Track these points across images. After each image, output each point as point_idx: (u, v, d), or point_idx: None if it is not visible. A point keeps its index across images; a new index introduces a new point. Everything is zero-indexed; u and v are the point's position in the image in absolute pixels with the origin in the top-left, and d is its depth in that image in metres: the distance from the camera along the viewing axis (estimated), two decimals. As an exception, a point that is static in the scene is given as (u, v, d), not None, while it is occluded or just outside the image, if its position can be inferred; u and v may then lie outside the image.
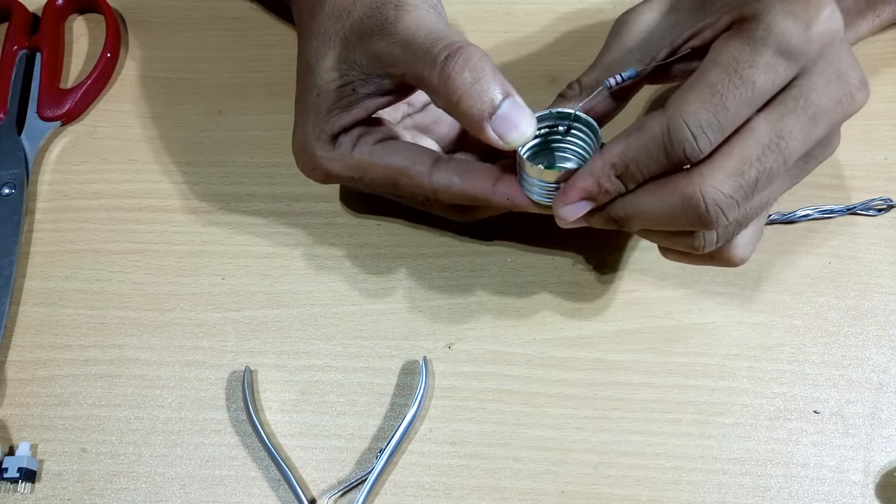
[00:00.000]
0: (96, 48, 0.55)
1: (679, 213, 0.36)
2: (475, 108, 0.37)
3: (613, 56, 0.41)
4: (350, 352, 0.46)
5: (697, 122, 0.34)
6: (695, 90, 0.35)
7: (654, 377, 0.45)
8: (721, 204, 0.35)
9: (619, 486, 0.43)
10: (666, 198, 0.36)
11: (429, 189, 0.42)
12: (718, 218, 0.35)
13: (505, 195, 0.41)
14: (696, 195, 0.35)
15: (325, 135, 0.42)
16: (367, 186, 0.44)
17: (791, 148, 0.35)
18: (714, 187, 0.35)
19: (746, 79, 0.34)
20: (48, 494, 0.43)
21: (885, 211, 0.49)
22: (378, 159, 0.42)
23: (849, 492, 0.43)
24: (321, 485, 0.44)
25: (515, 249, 0.48)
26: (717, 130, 0.35)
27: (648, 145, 0.35)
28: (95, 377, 0.46)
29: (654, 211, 0.37)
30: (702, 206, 0.35)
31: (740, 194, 0.35)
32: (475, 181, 0.41)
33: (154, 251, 0.49)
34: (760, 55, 0.34)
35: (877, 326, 0.46)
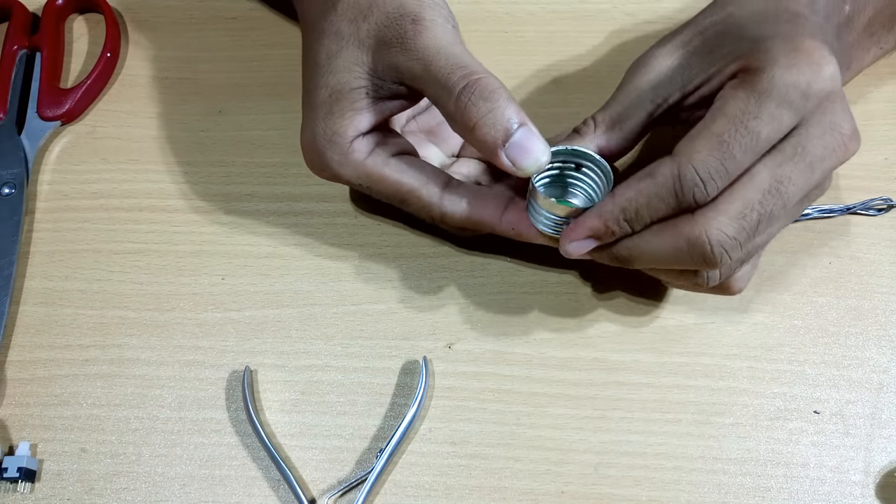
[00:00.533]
0: (96, 48, 0.55)
1: (684, 255, 0.38)
2: (490, 135, 0.39)
3: (628, 97, 0.42)
4: (350, 352, 0.46)
5: (706, 169, 0.36)
6: (703, 138, 0.37)
7: (654, 377, 0.45)
8: (725, 245, 0.37)
9: (619, 486, 0.43)
10: (671, 240, 0.38)
11: (437, 213, 0.43)
12: (723, 258, 0.37)
13: (511, 225, 0.43)
14: (701, 237, 0.37)
15: (338, 137, 0.42)
16: (375, 195, 0.44)
17: (790, 193, 0.37)
18: (719, 230, 0.37)
19: (751, 129, 0.36)
20: (48, 494, 0.43)
21: (885, 211, 0.49)
22: (390, 174, 0.43)
23: (849, 492, 0.43)
24: (321, 485, 0.44)
25: (516, 250, 0.48)
26: (724, 176, 0.37)
27: (659, 191, 0.37)
28: (95, 377, 0.46)
29: (659, 252, 0.39)
30: (707, 247, 0.37)
31: (743, 236, 0.37)
32: (484, 209, 0.43)
33: (154, 251, 0.49)
34: (765, 107, 0.36)
35: (877, 326, 0.46)
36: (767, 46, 0.37)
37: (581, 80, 0.53)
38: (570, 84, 0.53)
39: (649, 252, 0.39)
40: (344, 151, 0.42)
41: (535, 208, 0.41)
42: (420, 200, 0.43)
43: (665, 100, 0.41)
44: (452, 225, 0.44)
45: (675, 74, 0.41)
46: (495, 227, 0.43)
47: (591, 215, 0.39)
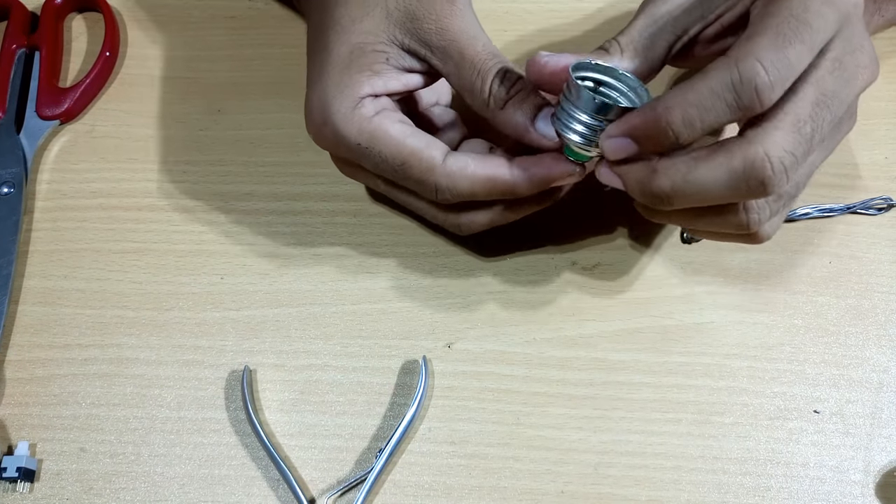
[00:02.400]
0: (95, 47, 0.54)
1: (740, 179, 0.36)
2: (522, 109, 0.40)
3: (647, 27, 0.40)
4: (349, 351, 0.46)
5: (768, 58, 0.34)
6: (757, 35, 0.35)
7: (654, 377, 0.45)
8: (786, 162, 0.35)
9: (619, 486, 0.43)
10: (725, 163, 0.36)
11: (440, 175, 0.41)
12: (782, 178, 0.35)
13: (523, 167, 0.40)
14: (760, 155, 0.35)
15: (350, 90, 0.41)
16: (370, 161, 0.42)
17: (835, 108, 0.36)
18: (777, 144, 0.35)
19: (804, 21, 0.35)
20: (47, 494, 0.43)
21: (885, 210, 0.49)
22: (395, 134, 0.41)
23: (849, 491, 0.43)
24: (320, 484, 0.44)
25: (516, 249, 0.48)
26: (786, 67, 0.34)
27: (715, 87, 0.35)
28: (94, 376, 0.46)
29: (709, 180, 0.36)
30: (768, 165, 0.35)
31: (801, 150, 0.35)
32: (489, 165, 0.41)
33: (153, 250, 0.49)
34: (811, 2, 0.35)
35: (877, 326, 0.46)
36: None
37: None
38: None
39: (698, 182, 0.36)
40: (352, 105, 0.41)
41: (569, 114, 0.38)
42: (421, 163, 0.41)
43: (685, 31, 0.40)
44: (456, 193, 0.41)
45: (695, 5, 0.40)
46: (506, 179, 0.41)
47: (637, 112, 0.37)
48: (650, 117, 0.36)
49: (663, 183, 0.37)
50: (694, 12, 0.40)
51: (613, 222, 0.49)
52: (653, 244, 0.48)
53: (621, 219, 0.49)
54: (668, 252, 0.48)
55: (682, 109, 0.35)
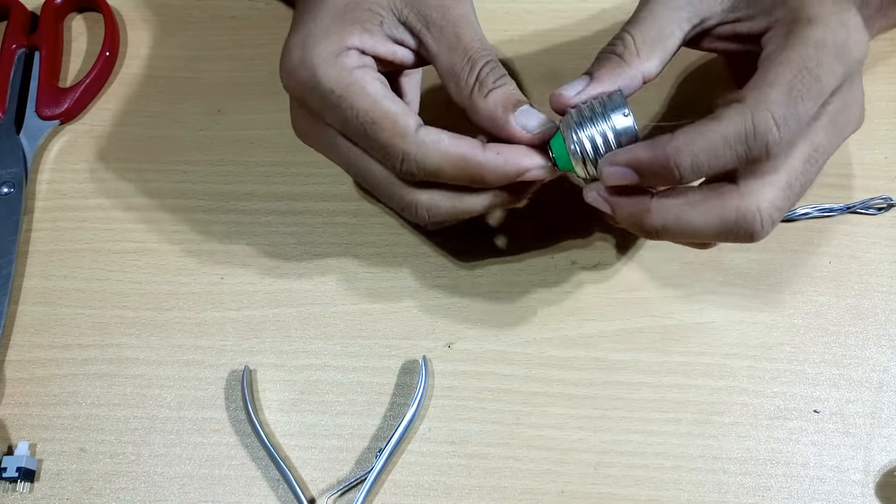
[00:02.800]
0: (95, 47, 0.54)
1: (730, 228, 0.37)
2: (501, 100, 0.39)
3: (662, 14, 0.40)
4: (349, 351, 0.46)
5: (781, 114, 0.35)
6: (773, 86, 0.36)
7: (654, 377, 0.45)
8: (774, 217, 0.37)
9: (618, 486, 0.43)
10: (718, 212, 0.37)
11: (411, 143, 0.39)
12: (768, 230, 0.37)
13: (497, 151, 0.39)
14: (751, 210, 0.37)
15: (337, 38, 0.40)
16: (339, 114, 0.39)
17: (823, 159, 0.38)
18: (770, 201, 0.37)
19: (817, 76, 0.36)
20: (47, 494, 0.43)
21: (885, 210, 0.49)
22: (372, 91, 0.39)
23: (849, 491, 0.43)
24: (320, 484, 0.44)
25: (516, 249, 0.48)
26: (796, 124, 0.36)
27: (728, 137, 0.35)
28: (94, 376, 0.46)
29: (701, 224, 0.37)
30: (758, 219, 0.37)
31: (788, 205, 0.37)
32: (465, 142, 0.39)
33: (153, 250, 0.49)
34: (825, 56, 0.36)
35: (877, 325, 0.46)
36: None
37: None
38: (570, 83, 0.53)
39: (689, 224, 0.37)
40: (336, 52, 0.39)
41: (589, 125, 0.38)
42: (395, 126, 0.39)
43: (702, 21, 0.40)
44: (422, 166, 0.39)
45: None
46: (477, 161, 0.39)
47: (646, 147, 0.37)
48: (660, 156, 0.36)
49: (655, 221, 0.38)
50: (713, 3, 0.40)
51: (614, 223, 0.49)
52: (653, 244, 0.48)
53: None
54: (668, 252, 0.48)
55: (693, 154, 0.36)
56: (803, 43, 0.36)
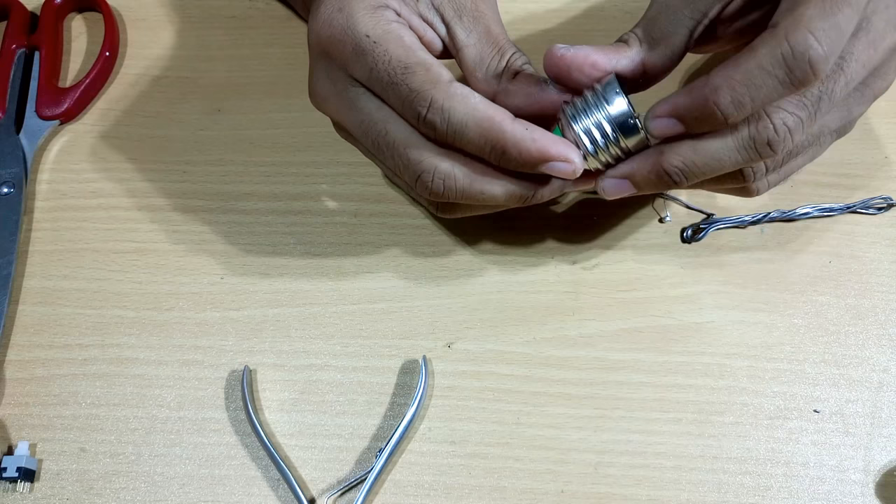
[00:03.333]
0: (95, 47, 0.54)
1: (747, 143, 0.36)
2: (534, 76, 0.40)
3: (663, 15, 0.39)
4: (349, 351, 0.46)
5: (820, 27, 0.33)
6: (804, 2, 0.33)
7: (653, 376, 0.45)
8: (788, 123, 0.35)
9: (618, 486, 0.43)
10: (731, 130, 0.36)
11: (441, 91, 0.38)
12: (786, 139, 0.35)
13: (526, 126, 0.38)
14: (762, 117, 0.35)
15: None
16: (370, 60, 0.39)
17: (852, 70, 0.35)
18: (779, 107, 0.35)
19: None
20: (47, 494, 0.43)
21: (885, 209, 0.49)
22: (409, 42, 0.39)
23: (849, 491, 0.43)
24: (320, 484, 0.44)
25: (516, 249, 0.48)
26: (838, 35, 0.33)
27: (765, 63, 0.33)
28: (94, 376, 0.46)
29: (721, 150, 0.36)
30: (770, 127, 0.35)
31: (805, 112, 0.35)
32: (495, 108, 0.38)
33: (153, 250, 0.49)
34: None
35: (877, 325, 0.46)
36: None
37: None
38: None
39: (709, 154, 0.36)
40: (376, 4, 0.39)
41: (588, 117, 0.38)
42: (428, 73, 0.38)
43: (704, 14, 0.39)
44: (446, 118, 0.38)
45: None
46: (502, 129, 0.37)
47: (683, 93, 0.36)
48: (698, 98, 0.35)
49: (674, 160, 0.37)
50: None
51: (613, 222, 0.49)
52: (653, 244, 0.48)
53: (621, 219, 0.49)
54: (668, 252, 0.48)
55: (731, 89, 0.34)
56: None
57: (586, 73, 0.38)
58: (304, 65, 0.44)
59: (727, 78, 0.34)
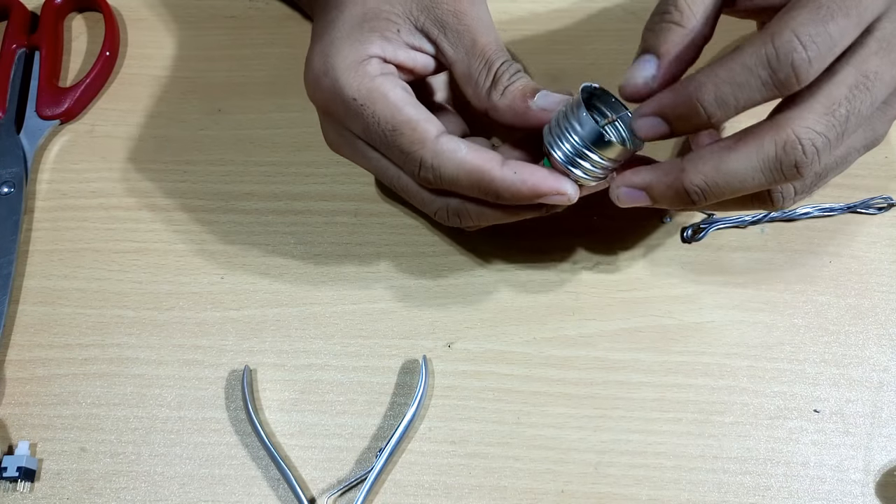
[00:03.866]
0: (95, 46, 0.54)
1: (773, 163, 0.35)
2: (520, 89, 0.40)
3: None
4: (350, 351, 0.46)
5: (806, 32, 0.33)
6: (798, 7, 0.33)
7: (654, 376, 0.45)
8: (817, 143, 0.34)
9: (619, 486, 0.43)
10: (755, 149, 0.35)
11: (429, 150, 0.39)
12: (814, 160, 0.34)
13: (515, 169, 0.38)
14: (790, 136, 0.34)
15: (360, 46, 0.40)
16: (362, 121, 0.40)
17: (877, 89, 0.35)
18: (808, 127, 0.34)
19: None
20: (47, 493, 0.43)
21: (886, 209, 0.49)
22: (394, 98, 0.39)
23: (849, 491, 0.43)
24: (321, 484, 0.44)
25: (516, 249, 0.48)
26: (827, 42, 0.33)
27: (749, 63, 0.33)
28: (94, 376, 0.46)
29: (743, 168, 0.35)
30: (798, 147, 0.34)
31: (833, 133, 0.34)
32: (484, 154, 0.39)
33: (153, 250, 0.49)
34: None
35: (877, 325, 0.46)
36: None
37: (581, 79, 0.52)
38: (570, 82, 0.52)
39: (731, 172, 0.35)
40: (358, 60, 0.40)
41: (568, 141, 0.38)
42: (414, 133, 0.39)
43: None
44: (442, 177, 0.39)
45: None
46: (493, 175, 0.38)
47: (668, 90, 0.35)
48: (681, 95, 0.35)
49: (694, 178, 0.36)
50: None
51: (613, 223, 0.49)
52: (653, 244, 0.48)
53: (621, 219, 0.49)
54: (668, 252, 0.48)
55: (715, 86, 0.34)
56: None
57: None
58: (303, 65, 0.44)
59: (711, 75, 0.34)
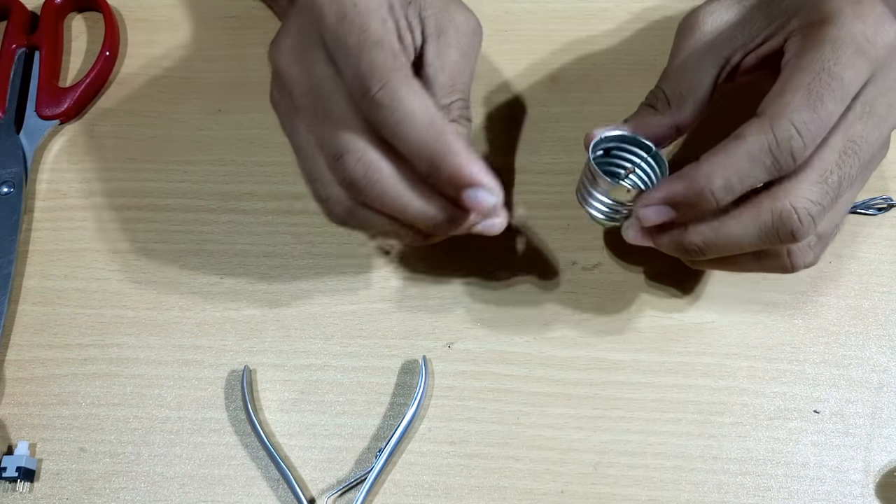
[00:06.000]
0: (95, 46, 0.54)
1: (770, 231, 0.37)
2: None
3: (689, 63, 0.41)
4: (349, 351, 0.46)
5: (801, 119, 0.35)
6: (790, 92, 0.36)
7: (653, 377, 0.45)
8: (812, 212, 0.37)
9: (618, 486, 0.43)
10: (753, 216, 0.37)
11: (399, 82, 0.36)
12: (810, 227, 0.37)
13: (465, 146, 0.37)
14: (786, 207, 0.37)
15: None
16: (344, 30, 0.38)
17: (864, 152, 0.37)
18: (803, 196, 0.36)
19: (836, 75, 0.36)
20: (47, 494, 0.43)
21: (886, 210, 0.49)
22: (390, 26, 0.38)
23: (849, 491, 0.43)
24: (320, 484, 0.44)
25: (515, 249, 0.48)
26: (819, 126, 0.36)
27: (753, 152, 0.36)
28: (94, 376, 0.46)
29: (741, 233, 0.38)
30: (794, 216, 0.37)
31: (827, 199, 0.37)
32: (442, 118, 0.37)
33: (153, 250, 0.49)
34: (843, 53, 0.36)
35: (877, 326, 0.46)
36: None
37: (581, 80, 0.53)
38: (570, 83, 0.53)
39: (729, 236, 0.38)
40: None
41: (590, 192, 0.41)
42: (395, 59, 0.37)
43: (727, 61, 0.40)
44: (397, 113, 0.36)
45: (736, 31, 0.41)
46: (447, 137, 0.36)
47: (677, 180, 0.38)
48: (693, 186, 0.37)
49: (695, 238, 0.39)
50: (735, 40, 0.40)
51: (613, 222, 0.49)
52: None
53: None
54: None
55: (723, 176, 0.36)
56: (819, 44, 0.37)
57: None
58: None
59: (719, 165, 0.36)
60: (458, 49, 0.41)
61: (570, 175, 0.49)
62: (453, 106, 0.41)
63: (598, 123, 0.42)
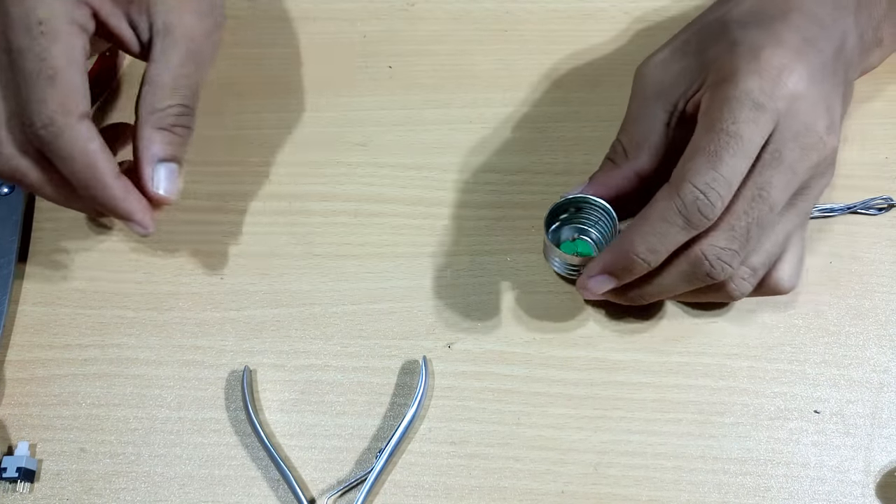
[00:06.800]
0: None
1: (691, 275, 0.40)
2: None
3: (641, 113, 0.43)
4: (349, 351, 0.46)
5: (703, 180, 0.38)
6: (692, 157, 0.38)
7: (654, 377, 0.45)
8: (722, 256, 0.39)
9: (619, 486, 0.43)
10: (676, 268, 0.40)
11: (70, 123, 0.38)
12: (724, 269, 0.39)
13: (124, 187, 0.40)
14: (697, 254, 0.39)
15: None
16: (26, 47, 0.37)
17: (774, 196, 0.39)
18: (710, 244, 0.39)
19: (734, 133, 0.38)
20: (47, 494, 0.43)
21: (886, 210, 0.49)
22: (77, 55, 0.38)
23: (849, 491, 0.43)
24: (320, 485, 0.44)
25: (515, 249, 0.48)
26: (723, 184, 0.38)
27: (665, 215, 0.38)
28: (94, 377, 0.46)
29: (670, 281, 0.41)
30: (705, 262, 0.39)
31: (736, 244, 0.39)
32: (102, 158, 0.39)
33: (153, 250, 0.49)
34: (739, 111, 0.38)
35: (877, 326, 0.46)
36: (735, 53, 0.39)
37: (580, 80, 0.53)
38: (569, 83, 0.53)
39: (661, 285, 0.41)
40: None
41: (548, 252, 0.46)
42: (72, 96, 0.38)
43: (674, 107, 0.42)
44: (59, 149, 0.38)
45: (680, 79, 0.42)
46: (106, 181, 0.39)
47: (607, 253, 0.41)
48: (620, 254, 0.40)
49: (633, 293, 0.43)
50: (678, 87, 0.42)
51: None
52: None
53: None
54: (669, 252, 0.48)
55: (644, 241, 0.39)
56: (719, 104, 0.38)
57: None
58: (302, 65, 0.44)
59: (639, 233, 0.39)
60: (185, 51, 0.41)
61: (569, 175, 0.50)
62: (169, 111, 0.41)
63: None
